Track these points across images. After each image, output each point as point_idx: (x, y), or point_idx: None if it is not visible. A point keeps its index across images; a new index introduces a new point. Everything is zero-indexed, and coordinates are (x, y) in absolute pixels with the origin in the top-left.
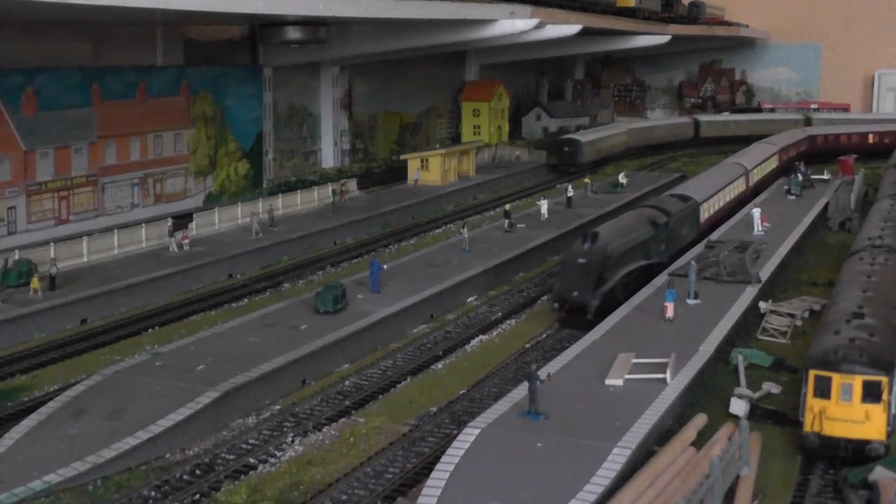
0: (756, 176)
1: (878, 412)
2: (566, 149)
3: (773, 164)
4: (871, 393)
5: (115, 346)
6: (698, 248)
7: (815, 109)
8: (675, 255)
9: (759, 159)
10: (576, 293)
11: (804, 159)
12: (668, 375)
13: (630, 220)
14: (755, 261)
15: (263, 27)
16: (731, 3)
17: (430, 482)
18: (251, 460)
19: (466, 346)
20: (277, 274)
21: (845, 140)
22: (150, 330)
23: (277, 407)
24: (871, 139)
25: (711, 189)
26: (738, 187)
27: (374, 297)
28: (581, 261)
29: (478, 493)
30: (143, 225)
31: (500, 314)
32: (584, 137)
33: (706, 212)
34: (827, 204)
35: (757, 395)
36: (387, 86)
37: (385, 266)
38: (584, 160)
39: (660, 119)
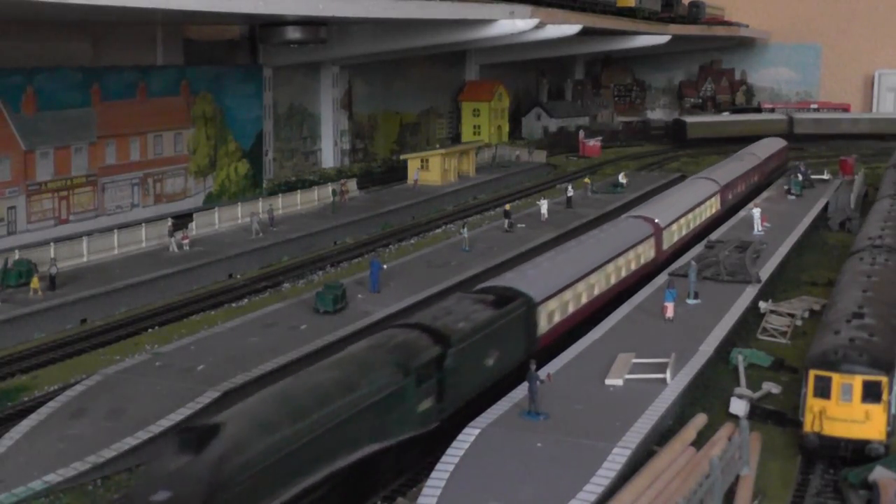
0: (674, 235)
1: (878, 412)
2: (675, 127)
3: (710, 209)
4: (871, 393)
5: (115, 346)
6: (698, 249)
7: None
8: (478, 402)
9: (679, 209)
10: None
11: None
12: (668, 375)
13: (341, 368)
14: (755, 261)
15: (263, 27)
16: (731, 3)
17: (430, 482)
18: None
19: None
20: (277, 274)
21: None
22: (150, 330)
23: None
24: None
25: (572, 273)
26: (638, 257)
27: (374, 297)
28: (160, 497)
29: (478, 493)
30: (143, 225)
31: None
32: (689, 119)
33: (554, 315)
34: (827, 204)
35: (757, 395)
36: (387, 86)
37: (385, 266)
38: (688, 137)
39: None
